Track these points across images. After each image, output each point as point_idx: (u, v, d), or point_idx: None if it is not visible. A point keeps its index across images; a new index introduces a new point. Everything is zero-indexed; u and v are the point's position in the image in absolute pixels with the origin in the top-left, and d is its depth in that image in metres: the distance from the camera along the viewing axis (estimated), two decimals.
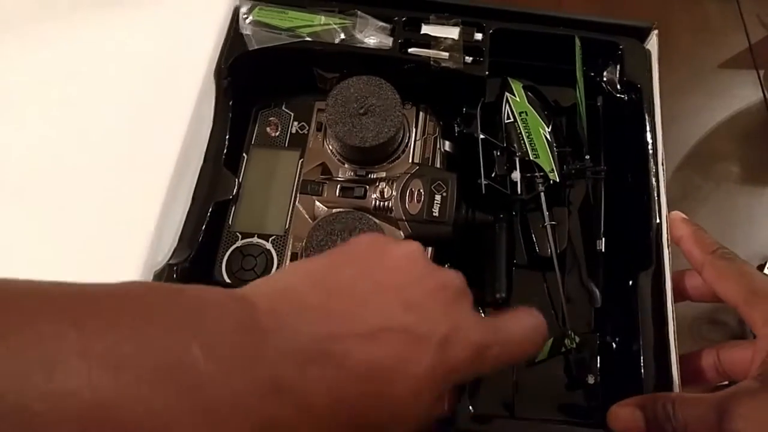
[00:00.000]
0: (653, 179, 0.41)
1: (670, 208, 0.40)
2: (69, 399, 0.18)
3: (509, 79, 0.47)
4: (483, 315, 0.41)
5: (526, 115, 0.45)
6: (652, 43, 0.46)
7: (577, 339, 0.41)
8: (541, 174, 0.44)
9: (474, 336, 0.26)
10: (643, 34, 0.47)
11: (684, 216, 0.40)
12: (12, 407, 0.17)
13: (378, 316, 0.25)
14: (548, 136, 0.45)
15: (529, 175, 0.44)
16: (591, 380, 0.41)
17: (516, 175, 0.44)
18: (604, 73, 0.47)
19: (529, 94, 0.46)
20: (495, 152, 0.45)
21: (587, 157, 0.45)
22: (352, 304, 0.25)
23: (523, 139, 0.44)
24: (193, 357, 0.21)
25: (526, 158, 0.44)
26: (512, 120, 0.45)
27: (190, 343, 0.21)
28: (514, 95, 0.46)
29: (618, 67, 0.46)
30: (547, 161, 0.44)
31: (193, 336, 0.21)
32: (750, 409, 0.28)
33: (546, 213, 0.43)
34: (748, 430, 0.27)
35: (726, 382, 0.38)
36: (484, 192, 0.44)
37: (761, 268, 0.57)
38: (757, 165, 0.63)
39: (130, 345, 0.20)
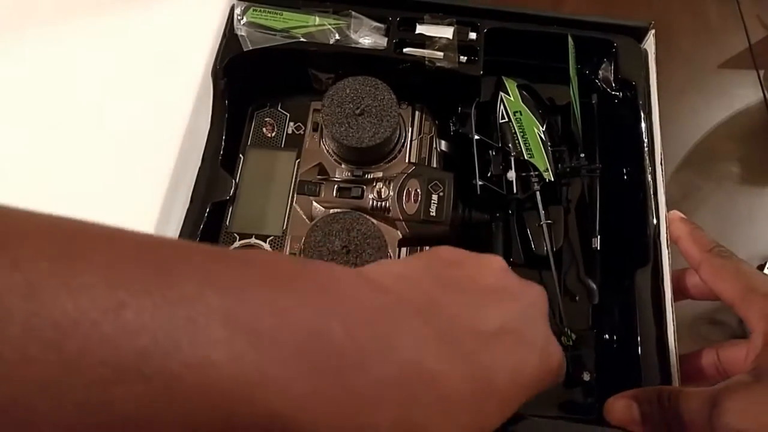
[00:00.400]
0: (649, 176, 0.41)
1: (670, 209, 0.40)
2: (211, 370, 0.16)
3: (504, 78, 0.47)
4: None
5: (521, 114, 0.45)
6: (650, 43, 0.46)
7: (574, 336, 0.41)
8: (536, 173, 0.44)
9: (558, 349, 0.28)
10: (640, 34, 0.47)
11: (682, 215, 0.39)
12: (158, 369, 0.15)
13: (496, 317, 0.25)
14: (543, 136, 0.45)
15: (524, 174, 0.44)
16: (587, 377, 0.40)
17: (511, 175, 0.44)
18: (599, 71, 0.47)
19: (524, 93, 0.46)
20: (490, 152, 0.45)
21: (582, 155, 0.45)
22: (470, 302, 0.25)
23: (517, 139, 0.44)
24: (334, 335, 0.19)
25: (521, 158, 0.44)
26: (507, 120, 0.45)
27: (330, 319, 0.19)
28: (508, 95, 0.46)
29: (612, 64, 0.46)
30: (541, 161, 0.44)
31: (331, 312, 0.19)
32: (740, 402, 0.28)
33: (542, 212, 0.43)
34: (738, 423, 0.27)
35: None
36: (479, 192, 0.44)
37: (761, 268, 0.56)
38: (757, 165, 0.63)
39: (269, 315, 0.18)
